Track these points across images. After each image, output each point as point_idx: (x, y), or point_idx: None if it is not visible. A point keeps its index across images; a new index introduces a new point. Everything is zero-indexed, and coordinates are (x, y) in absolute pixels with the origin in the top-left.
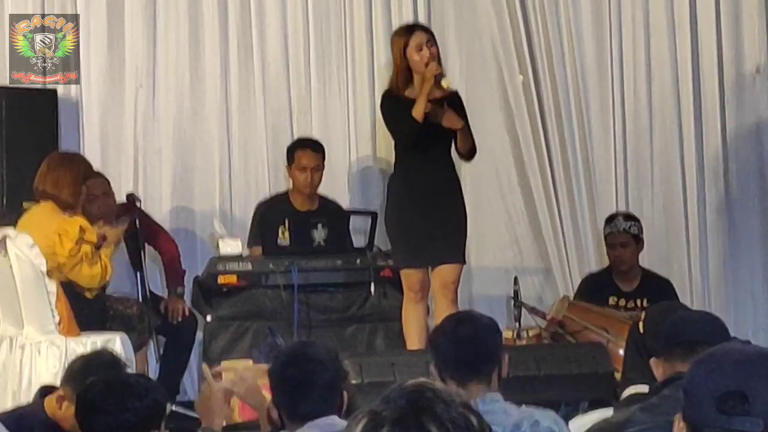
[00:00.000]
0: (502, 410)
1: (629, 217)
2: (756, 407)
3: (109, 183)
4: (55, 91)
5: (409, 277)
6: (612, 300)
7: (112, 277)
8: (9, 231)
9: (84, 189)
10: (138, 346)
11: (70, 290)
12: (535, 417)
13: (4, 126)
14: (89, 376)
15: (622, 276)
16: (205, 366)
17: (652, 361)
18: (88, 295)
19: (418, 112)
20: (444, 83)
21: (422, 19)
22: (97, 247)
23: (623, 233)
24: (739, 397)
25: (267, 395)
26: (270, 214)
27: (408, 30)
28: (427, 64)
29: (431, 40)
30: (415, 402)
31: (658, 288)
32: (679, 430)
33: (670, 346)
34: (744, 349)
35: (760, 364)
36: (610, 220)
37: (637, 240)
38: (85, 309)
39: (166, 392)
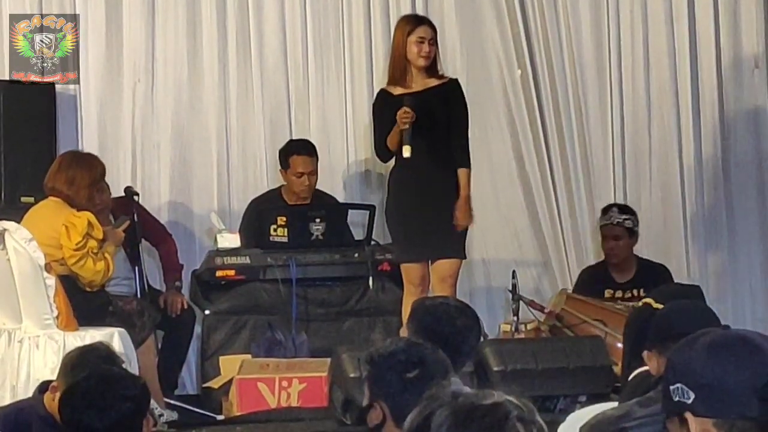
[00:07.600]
0: None
1: (625, 209)
2: None
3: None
4: (53, 85)
5: (410, 271)
6: (608, 293)
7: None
8: (7, 224)
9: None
10: (138, 343)
11: (72, 284)
12: None
13: (2, 120)
14: (84, 369)
15: (617, 268)
16: None
17: (645, 354)
18: (89, 289)
19: (392, 143)
20: (405, 151)
21: (420, 14)
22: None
23: (617, 226)
24: None
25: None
26: (262, 211)
27: (416, 20)
28: (425, 58)
29: (434, 39)
30: None
31: (654, 275)
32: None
33: (663, 339)
34: (750, 335)
35: None
36: (606, 211)
37: (631, 233)
38: (87, 303)
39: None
